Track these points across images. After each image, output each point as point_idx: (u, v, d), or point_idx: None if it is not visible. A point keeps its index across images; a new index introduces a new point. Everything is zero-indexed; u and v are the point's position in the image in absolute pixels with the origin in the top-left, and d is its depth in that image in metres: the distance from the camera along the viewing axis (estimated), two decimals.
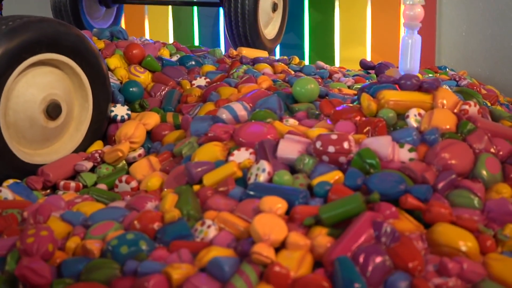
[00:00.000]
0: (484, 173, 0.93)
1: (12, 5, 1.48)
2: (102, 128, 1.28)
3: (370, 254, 0.71)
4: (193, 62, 1.62)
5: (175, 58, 1.66)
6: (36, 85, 1.13)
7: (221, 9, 2.38)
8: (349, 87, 1.53)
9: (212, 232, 0.82)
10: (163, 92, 1.45)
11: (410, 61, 1.18)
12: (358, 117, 1.08)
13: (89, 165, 1.16)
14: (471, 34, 2.47)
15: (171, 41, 2.68)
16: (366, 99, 1.08)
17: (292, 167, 0.97)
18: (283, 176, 0.93)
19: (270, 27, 2.21)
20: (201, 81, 1.50)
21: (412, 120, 1.05)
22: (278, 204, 0.83)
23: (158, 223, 0.85)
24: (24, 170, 1.12)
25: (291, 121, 1.14)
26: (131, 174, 1.13)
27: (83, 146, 1.24)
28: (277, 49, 2.58)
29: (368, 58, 2.70)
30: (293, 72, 1.66)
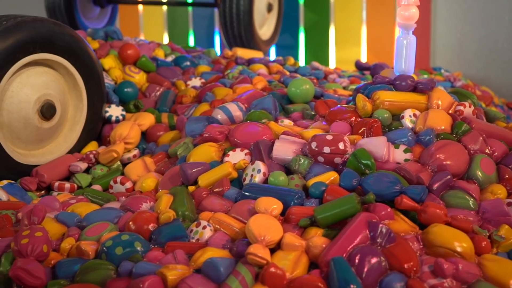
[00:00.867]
0: (479, 174, 0.93)
1: (6, 5, 1.47)
2: (97, 129, 1.28)
3: (366, 255, 0.71)
4: (188, 63, 1.62)
5: (170, 59, 1.66)
6: (31, 85, 1.12)
7: (216, 10, 2.38)
8: (344, 88, 1.53)
9: (208, 233, 0.82)
10: (158, 93, 1.45)
11: (405, 62, 1.18)
12: (354, 118, 1.08)
13: (84, 166, 1.16)
14: (466, 35, 2.48)
15: (166, 42, 2.69)
16: (362, 100, 1.08)
17: (288, 168, 0.97)
18: (279, 177, 0.93)
19: (265, 28, 2.22)
20: (196, 82, 1.50)
21: (407, 121, 1.05)
22: (274, 205, 0.83)
23: (153, 224, 0.85)
24: (19, 171, 1.12)
25: (286, 122, 1.14)
26: (126, 175, 1.13)
27: (78, 147, 1.24)
28: (272, 50, 2.58)
29: (364, 59, 2.71)
30: (288, 73, 1.66)
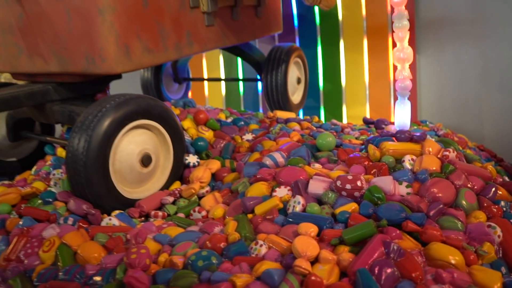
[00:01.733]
0: (464, 203, 0.91)
1: (118, 85, 1.53)
2: (180, 172, 1.28)
3: (383, 266, 0.70)
4: (243, 122, 1.64)
5: (229, 120, 1.67)
6: (135, 142, 1.15)
7: (260, 83, 2.42)
8: (356, 138, 1.52)
9: (263, 250, 0.82)
10: (222, 145, 1.46)
11: (403, 120, 1.18)
12: (367, 162, 1.07)
13: (171, 199, 1.17)
14: (444, 96, 2.46)
15: (225, 107, 2.73)
16: (372, 149, 1.08)
17: (320, 200, 0.97)
18: (313, 207, 0.92)
19: (296, 95, 2.23)
20: (249, 136, 1.51)
21: (407, 164, 1.04)
22: (311, 229, 0.82)
23: (224, 243, 0.85)
24: (126, 204, 1.13)
25: (317, 165, 1.14)
26: (202, 206, 1.13)
27: (167, 186, 1.24)
28: (301, 111, 2.59)
29: (368, 115, 2.69)
30: (315, 128, 1.66)
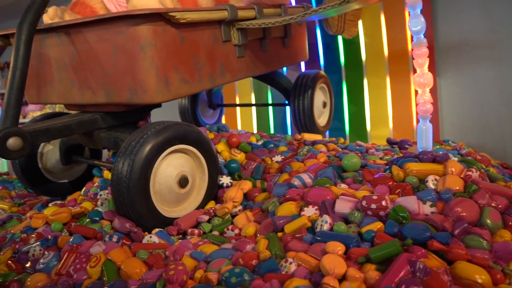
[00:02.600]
0: (489, 222, 0.86)
1: (158, 113, 1.57)
2: (214, 192, 1.29)
3: (409, 285, 0.67)
4: (272, 145, 1.64)
5: (260, 143, 1.68)
6: (173, 165, 1.16)
7: (288, 108, 2.42)
8: (381, 159, 1.49)
9: (293, 267, 0.80)
10: (253, 166, 1.46)
11: (425, 142, 1.15)
12: (391, 182, 1.04)
13: (206, 218, 1.17)
14: (465, 115, 2.39)
15: (255, 130, 2.74)
16: (396, 169, 1.05)
17: (346, 219, 0.94)
18: (340, 226, 0.90)
19: (322, 118, 2.22)
20: (278, 158, 1.50)
21: (431, 184, 1.00)
22: (339, 247, 0.80)
23: (256, 260, 0.84)
24: (165, 222, 1.14)
25: (343, 186, 1.12)
26: (235, 224, 1.13)
27: (202, 205, 1.25)
28: (327, 132, 2.57)
29: (391, 135, 2.64)
30: (341, 149, 1.63)
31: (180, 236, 1.13)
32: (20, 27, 1.15)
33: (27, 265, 0.99)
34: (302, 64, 2.77)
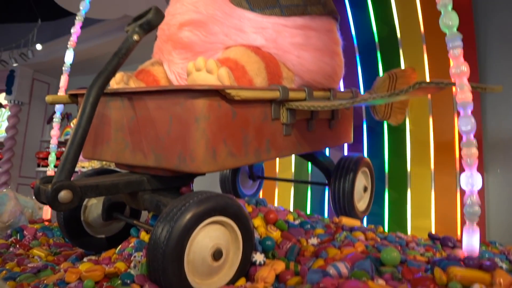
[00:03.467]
0: None
1: (199, 182, 1.60)
2: (246, 269, 1.26)
3: None
4: (309, 226, 1.61)
5: (297, 222, 1.66)
6: (209, 237, 1.16)
7: (327, 188, 2.41)
8: (421, 255, 1.43)
9: None
10: (288, 246, 1.42)
11: (471, 245, 1.10)
12: (432, 285, 0.99)
13: None
14: None
15: (292, 206, 2.73)
16: (439, 272, 1.00)
17: None
18: None
19: (362, 202, 2.18)
20: (314, 240, 1.47)
21: None
22: None
23: None
24: None
25: (381, 281, 1.07)
26: None
27: (233, 281, 1.22)
28: (365, 217, 2.51)
29: (433, 227, 2.54)
30: (380, 240, 1.58)
31: None
32: (90, 90, 1.25)
33: None
34: (345, 145, 2.79)
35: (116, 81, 1.57)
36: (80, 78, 5.46)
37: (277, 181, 2.92)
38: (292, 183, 2.87)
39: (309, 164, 2.82)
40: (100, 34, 5.47)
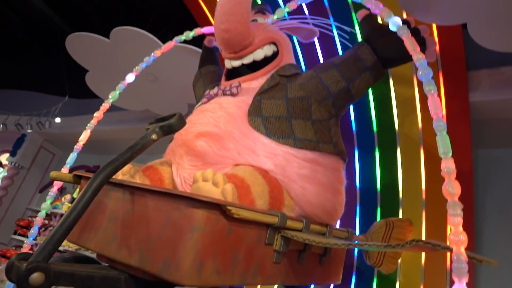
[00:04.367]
0: None
1: None
2: None
3: None
4: None
5: None
6: None
7: None
8: None
9: None
10: None
11: None
12: None
13: None
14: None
15: None
16: None
17: None
18: None
19: None
20: None
21: None
22: None
23: None
24: None
25: None
26: None
27: None
28: None
29: None
30: None
31: None
32: (96, 177, 1.27)
33: None
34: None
35: (123, 172, 1.60)
36: (84, 156, 5.56)
37: None
38: None
39: None
40: (117, 121, 5.72)
